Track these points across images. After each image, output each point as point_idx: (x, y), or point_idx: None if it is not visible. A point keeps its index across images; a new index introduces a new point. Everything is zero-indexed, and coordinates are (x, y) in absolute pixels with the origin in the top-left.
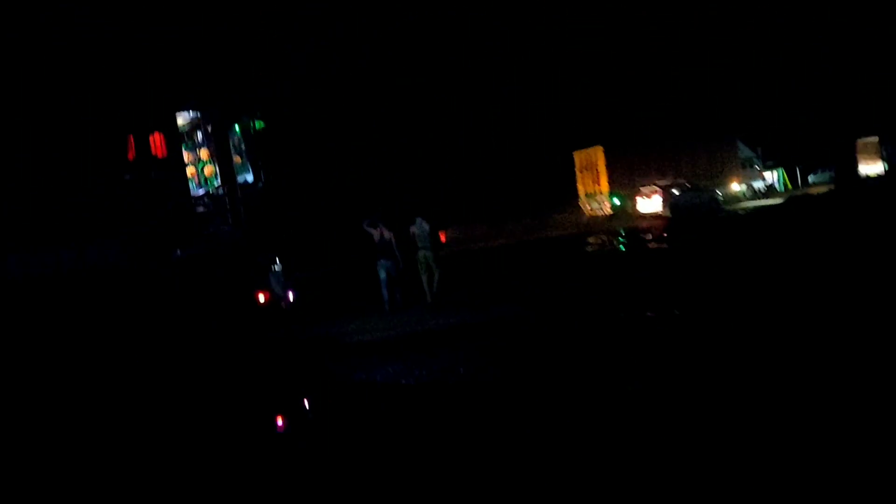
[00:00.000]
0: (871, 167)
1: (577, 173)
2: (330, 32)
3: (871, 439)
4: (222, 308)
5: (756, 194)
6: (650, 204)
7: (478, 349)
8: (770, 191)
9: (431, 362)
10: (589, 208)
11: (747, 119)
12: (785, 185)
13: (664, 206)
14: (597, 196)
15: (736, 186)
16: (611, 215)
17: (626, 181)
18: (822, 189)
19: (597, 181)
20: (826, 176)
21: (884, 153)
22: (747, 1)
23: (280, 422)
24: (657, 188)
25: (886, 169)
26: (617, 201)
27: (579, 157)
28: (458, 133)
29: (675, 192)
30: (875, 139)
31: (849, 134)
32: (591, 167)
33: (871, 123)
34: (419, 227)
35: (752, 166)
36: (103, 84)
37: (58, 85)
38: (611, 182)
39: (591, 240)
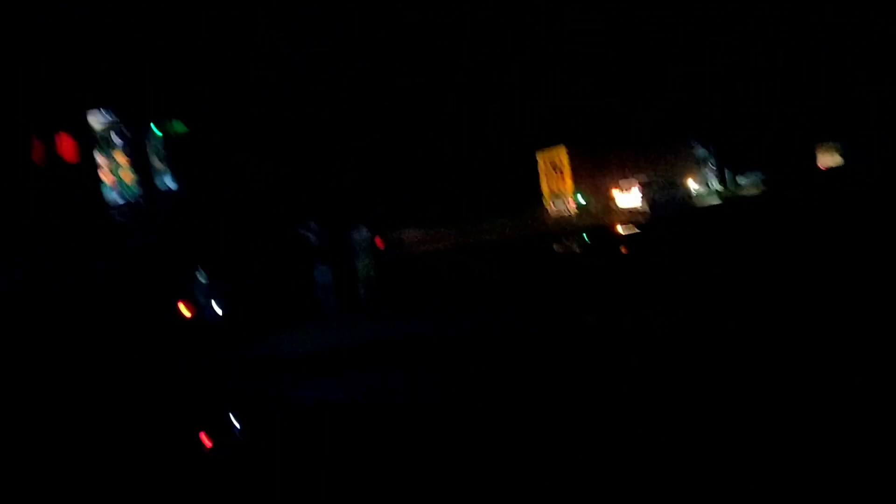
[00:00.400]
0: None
1: (542, 174)
2: (242, 23)
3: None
4: (142, 325)
5: (711, 192)
6: (629, 199)
7: (415, 363)
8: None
9: (366, 379)
10: (554, 208)
11: (702, 119)
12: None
13: (643, 202)
14: (561, 196)
15: (692, 185)
16: (576, 214)
17: (589, 180)
18: (753, 191)
19: (561, 181)
20: (756, 178)
21: (844, 152)
22: (709, 4)
23: (207, 444)
24: (636, 183)
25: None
26: (582, 200)
27: (543, 157)
28: (414, 135)
29: (653, 188)
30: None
31: (803, 136)
32: (555, 167)
33: (830, 125)
34: (359, 234)
35: (706, 165)
36: (2, 81)
37: None
38: (574, 182)
39: (554, 240)
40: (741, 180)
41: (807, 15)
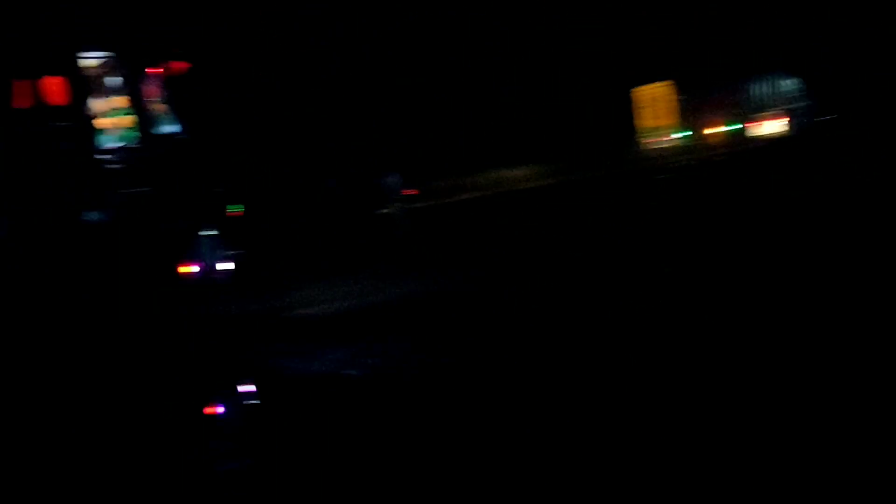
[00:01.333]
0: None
1: (638, 110)
2: None
3: None
4: (136, 285)
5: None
6: (772, 126)
7: (446, 327)
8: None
9: (386, 345)
10: (651, 143)
11: (794, 55)
12: None
13: (789, 128)
14: (660, 131)
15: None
16: (676, 149)
17: (687, 116)
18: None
19: (661, 116)
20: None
21: None
22: None
23: (213, 412)
24: (782, 112)
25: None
26: (682, 134)
27: (640, 93)
28: (467, 71)
29: (795, 114)
30: None
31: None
32: (654, 103)
33: None
34: (392, 180)
35: (793, 101)
36: None
37: None
38: (675, 116)
39: (647, 179)
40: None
41: None
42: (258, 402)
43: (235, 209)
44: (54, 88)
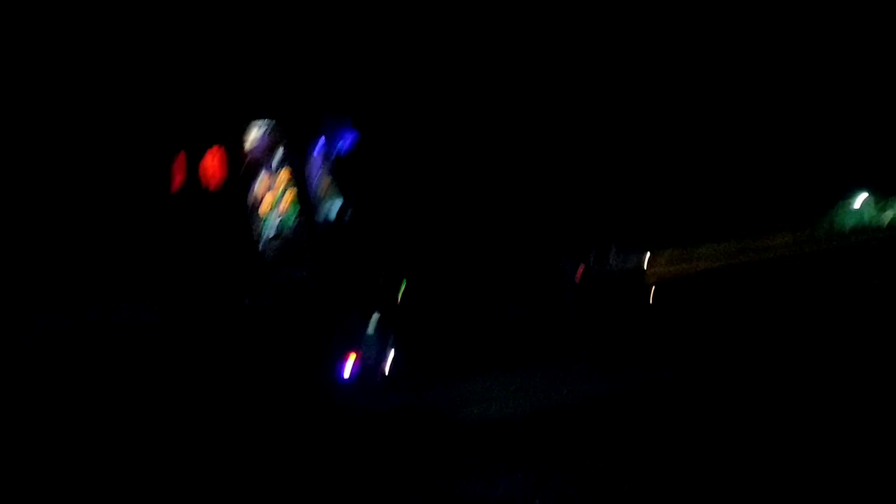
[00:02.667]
0: None
1: None
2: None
3: None
4: (291, 383)
5: None
6: None
7: (645, 447)
8: None
9: (577, 470)
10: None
11: None
12: None
13: None
14: None
15: None
16: None
17: None
18: None
19: None
20: None
21: None
22: None
23: None
24: None
25: None
26: None
27: None
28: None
29: None
30: None
31: None
32: None
33: None
34: (615, 259)
35: None
36: (142, 88)
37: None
38: None
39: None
40: None
41: None
42: None
43: (397, 287)
44: (212, 162)
